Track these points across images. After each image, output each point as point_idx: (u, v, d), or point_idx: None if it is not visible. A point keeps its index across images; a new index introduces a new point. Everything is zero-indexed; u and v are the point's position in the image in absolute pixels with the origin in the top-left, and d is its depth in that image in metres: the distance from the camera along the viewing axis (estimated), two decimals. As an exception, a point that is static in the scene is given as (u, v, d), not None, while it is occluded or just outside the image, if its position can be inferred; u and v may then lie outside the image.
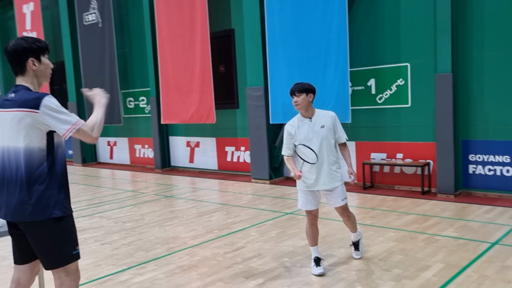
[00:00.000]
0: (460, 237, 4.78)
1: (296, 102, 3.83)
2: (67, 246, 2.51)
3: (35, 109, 2.39)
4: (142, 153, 11.66)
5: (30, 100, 2.41)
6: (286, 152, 3.94)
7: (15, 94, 2.50)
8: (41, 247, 2.48)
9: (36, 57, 2.53)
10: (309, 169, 3.85)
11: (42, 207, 2.42)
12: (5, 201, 2.49)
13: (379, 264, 4.10)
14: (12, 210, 2.45)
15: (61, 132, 2.43)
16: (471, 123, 6.68)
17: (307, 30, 7.55)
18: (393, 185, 7.47)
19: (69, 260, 2.52)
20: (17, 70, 2.54)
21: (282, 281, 3.84)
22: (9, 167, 2.47)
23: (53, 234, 2.46)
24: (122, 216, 6.42)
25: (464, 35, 6.60)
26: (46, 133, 2.45)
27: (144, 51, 10.77)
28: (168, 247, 4.91)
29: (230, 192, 7.88)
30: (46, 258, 2.50)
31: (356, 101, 7.64)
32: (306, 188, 3.91)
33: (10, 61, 2.54)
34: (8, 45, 2.53)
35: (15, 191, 2.44)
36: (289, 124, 3.95)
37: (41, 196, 2.42)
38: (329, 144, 3.88)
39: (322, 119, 3.90)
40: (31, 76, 2.54)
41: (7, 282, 4.03)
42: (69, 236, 2.52)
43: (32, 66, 2.52)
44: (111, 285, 3.93)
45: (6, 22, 15.34)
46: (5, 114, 2.49)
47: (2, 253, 4.93)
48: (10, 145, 2.47)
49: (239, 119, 9.46)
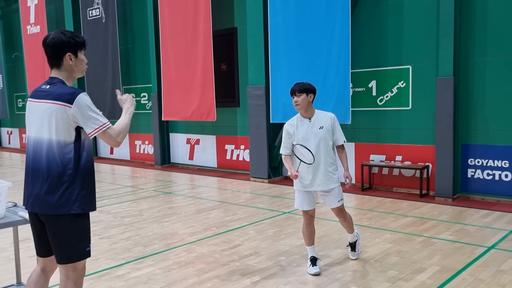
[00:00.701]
0: (456, 240, 4.80)
1: (296, 102, 3.84)
2: (82, 243, 2.53)
3: (69, 104, 2.42)
4: (142, 149, 11.69)
5: (65, 94, 2.44)
6: (284, 151, 3.96)
7: (50, 86, 2.51)
8: (57, 240, 2.50)
9: (73, 52, 2.54)
10: (306, 170, 3.87)
11: (63, 202, 2.43)
12: (30, 191, 2.52)
13: (375, 266, 4.13)
14: (34, 201, 2.48)
15: (88, 130, 2.45)
16: (471, 127, 6.70)
17: (309, 30, 7.57)
18: (391, 187, 7.49)
19: (81, 257, 2.54)
20: (53, 63, 2.55)
21: (277, 279, 3.87)
22: (36, 157, 2.49)
23: (70, 229, 2.48)
24: (121, 211, 6.45)
25: (467, 39, 6.61)
26: (75, 128, 2.46)
27: (147, 47, 10.79)
28: (166, 243, 4.94)
29: (228, 190, 7.90)
30: (60, 251, 2.52)
31: (356, 103, 7.66)
32: (302, 188, 3.93)
33: (47, 53, 2.54)
34: (47, 38, 2.53)
35: (39, 182, 2.46)
36: (288, 124, 3.97)
37: (63, 191, 2.44)
38: (327, 145, 3.88)
39: (322, 120, 3.90)
40: (67, 70, 2.56)
41: (4, 274, 4.07)
42: (85, 233, 2.55)
43: (69, 61, 2.54)
44: (108, 279, 3.95)
45: (11, 15, 15.36)
46: (38, 104, 2.51)
47: (2, 244, 4.97)
48: (39, 136, 2.49)
49: (239, 117, 9.48)
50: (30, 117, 2.58)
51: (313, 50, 7.56)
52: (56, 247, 2.52)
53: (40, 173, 2.47)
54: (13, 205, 3.26)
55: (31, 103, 2.57)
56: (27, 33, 13.66)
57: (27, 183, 2.56)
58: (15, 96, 15.82)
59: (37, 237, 2.63)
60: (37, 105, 2.52)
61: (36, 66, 13.29)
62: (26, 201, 2.57)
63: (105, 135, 2.48)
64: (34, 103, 2.55)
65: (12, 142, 16.52)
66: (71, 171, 2.46)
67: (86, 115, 2.43)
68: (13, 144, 16.47)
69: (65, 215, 2.45)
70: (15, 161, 12.93)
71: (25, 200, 2.57)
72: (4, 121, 16.76)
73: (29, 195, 2.53)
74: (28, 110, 2.60)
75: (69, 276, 2.54)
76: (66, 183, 2.45)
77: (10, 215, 3.03)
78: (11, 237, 4.28)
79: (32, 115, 2.56)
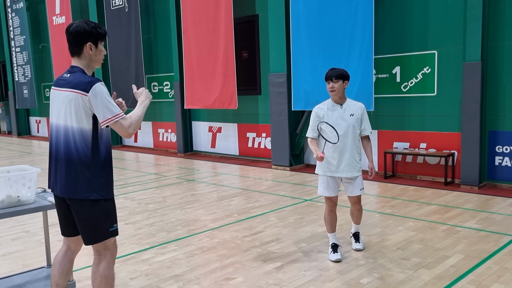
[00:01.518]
0: (482, 229, 4.72)
1: (333, 88, 3.85)
2: (105, 224, 2.62)
3: (85, 92, 2.49)
4: (166, 137, 11.85)
5: (83, 83, 2.52)
6: (311, 134, 3.97)
7: (70, 74, 2.60)
8: (81, 223, 2.61)
9: (94, 42, 2.62)
10: (332, 154, 3.89)
11: (84, 187, 2.53)
12: (54, 176, 2.64)
13: (397, 253, 4.10)
14: (58, 185, 2.60)
15: (101, 119, 2.51)
16: (499, 114, 6.50)
17: (332, 16, 7.45)
18: (415, 175, 7.38)
19: (106, 236, 2.63)
20: (74, 51, 2.63)
21: (299, 265, 3.90)
22: (57, 144, 2.59)
23: (91, 212, 2.58)
24: (145, 198, 6.59)
25: (496, 22, 6.38)
26: (92, 117, 2.54)
27: (169, 36, 10.86)
28: (188, 229, 5.03)
29: (250, 178, 7.95)
30: (86, 233, 2.63)
31: (380, 89, 7.53)
32: (328, 173, 3.95)
33: (69, 40, 2.63)
34: (71, 26, 2.62)
35: (61, 167, 2.57)
36: (318, 107, 3.98)
37: (83, 177, 2.53)
38: (354, 133, 3.92)
39: (353, 108, 3.94)
40: (86, 59, 2.64)
41: (35, 257, 4.23)
42: (107, 214, 2.63)
43: (89, 50, 2.62)
44: (133, 262, 4.07)
45: (37, 6, 15.69)
46: (59, 92, 2.61)
47: (33, 229, 5.16)
48: (59, 123, 2.59)
49: (261, 105, 9.47)
50: (52, 104, 2.68)
51: (335, 36, 7.45)
52: (81, 228, 2.63)
53: (60, 158, 2.58)
54: (42, 190, 3.38)
55: (54, 91, 2.67)
56: (53, 24, 13.95)
57: (50, 167, 2.68)
58: (43, 86, 16.24)
59: (63, 217, 2.75)
60: (59, 93, 2.61)
61: (62, 56, 13.58)
62: (51, 185, 2.68)
63: (116, 125, 2.54)
64: (56, 91, 2.64)
65: (41, 130, 17.02)
66: (90, 157, 2.53)
67: (100, 104, 2.49)
68: (42, 132, 16.96)
69: (86, 200, 2.55)
70: (43, 149, 13.33)
71: (50, 183, 2.70)
72: (33, 111, 17.25)
73: (54, 179, 2.64)
74: (51, 98, 2.70)
75: (101, 254, 2.66)
76: (85, 169, 2.53)
77: (39, 200, 3.15)
78: (41, 222, 4.44)
79: (53, 102, 2.66)
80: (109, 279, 2.67)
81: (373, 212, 5.46)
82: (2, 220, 4.32)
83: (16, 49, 15.98)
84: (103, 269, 2.65)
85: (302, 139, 8.53)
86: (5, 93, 18.72)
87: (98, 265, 2.66)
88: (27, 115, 17.63)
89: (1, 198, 2.89)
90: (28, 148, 13.75)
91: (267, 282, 3.56)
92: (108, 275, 2.66)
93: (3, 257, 4.27)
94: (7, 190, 2.92)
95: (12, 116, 17.35)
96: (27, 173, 3.02)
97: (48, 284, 3.22)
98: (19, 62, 15.94)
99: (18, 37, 15.65)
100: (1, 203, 2.90)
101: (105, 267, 2.66)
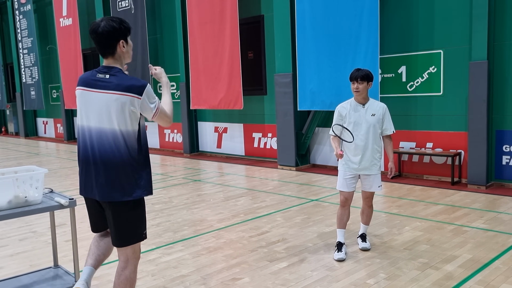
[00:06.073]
0: (489, 229, 4.68)
1: (358, 89, 3.92)
2: (141, 227, 2.64)
3: (139, 95, 2.48)
4: (171, 137, 11.89)
5: (136, 87, 2.48)
6: (333, 132, 4.03)
7: (110, 76, 2.49)
8: (119, 225, 2.58)
9: (124, 38, 2.55)
10: (354, 152, 3.98)
11: (131, 188, 2.51)
12: (91, 180, 2.57)
13: (404, 253, 4.08)
14: (97, 189, 2.54)
15: (149, 116, 2.56)
16: (506, 113, 6.45)
17: (337, 15, 7.43)
18: (422, 175, 7.34)
19: (139, 239, 2.65)
20: (108, 52, 2.51)
21: (305, 265, 3.89)
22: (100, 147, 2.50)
23: (133, 214, 2.58)
24: (152, 198, 6.61)
25: (502, 21, 6.33)
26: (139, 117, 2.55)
27: (175, 37, 10.89)
28: (195, 229, 5.04)
29: (256, 178, 7.95)
30: (121, 235, 2.60)
31: (385, 89, 7.50)
32: (347, 170, 4.03)
33: (100, 42, 2.49)
34: (98, 26, 2.47)
35: (106, 171, 2.50)
36: (341, 106, 4.06)
37: (132, 177, 2.52)
38: (375, 132, 3.99)
39: (375, 108, 4.00)
40: (120, 57, 2.57)
41: (42, 257, 4.26)
42: (144, 217, 2.66)
43: (122, 48, 2.54)
44: (140, 263, 4.06)
45: (44, 9, 15.82)
46: (98, 95, 2.48)
47: (40, 229, 5.20)
48: (102, 126, 2.48)
49: (266, 105, 9.47)
50: (87, 107, 2.53)
51: (340, 36, 7.43)
52: (117, 231, 2.59)
53: (105, 162, 2.49)
54: (49, 191, 3.40)
55: (87, 92, 2.52)
56: (60, 26, 14.04)
57: (86, 172, 2.58)
58: (50, 87, 16.36)
59: (94, 218, 2.77)
60: (97, 95, 2.49)
61: (69, 57, 13.66)
62: (84, 189, 2.63)
63: (160, 116, 2.61)
64: (92, 93, 2.50)
65: (48, 131, 17.14)
66: (138, 158, 2.54)
67: (150, 103, 2.54)
68: (49, 133, 17.08)
69: (131, 201, 2.54)
70: (50, 150, 13.43)
71: (84, 187, 2.63)
72: (40, 112, 17.38)
73: (91, 184, 2.57)
74: (83, 100, 2.55)
75: (129, 258, 2.65)
76: (135, 169, 2.53)
77: (46, 200, 3.16)
78: (49, 222, 4.47)
79: (89, 105, 2.52)
80: (133, 283, 2.68)
81: (380, 212, 5.43)
82: (10, 220, 4.36)
83: (23, 51, 16.12)
84: (130, 272, 2.65)
85: (308, 139, 8.52)
86: (12, 94, 18.89)
87: (124, 269, 2.65)
88: (35, 116, 17.77)
89: (9, 199, 2.91)
90: (36, 149, 13.85)
91: (274, 283, 3.56)
92: (133, 278, 2.67)
93: (11, 257, 4.31)
94: (15, 191, 2.94)
95: (19, 117, 17.49)
96: (34, 174, 3.04)
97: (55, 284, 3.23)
98: (26, 64, 16.08)
99: (26, 39, 15.78)
100: (8, 204, 2.92)
101: (132, 271, 2.66)
